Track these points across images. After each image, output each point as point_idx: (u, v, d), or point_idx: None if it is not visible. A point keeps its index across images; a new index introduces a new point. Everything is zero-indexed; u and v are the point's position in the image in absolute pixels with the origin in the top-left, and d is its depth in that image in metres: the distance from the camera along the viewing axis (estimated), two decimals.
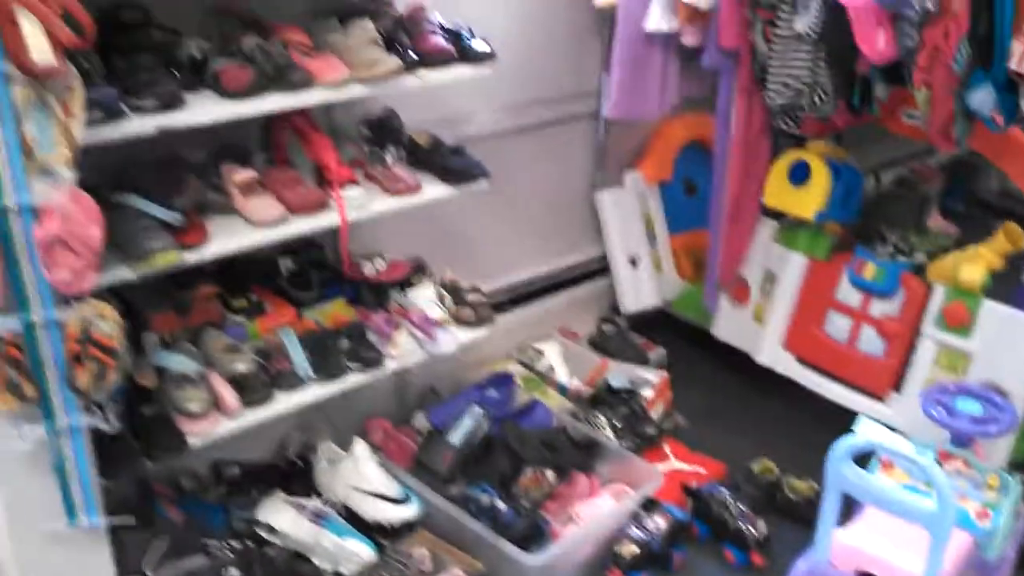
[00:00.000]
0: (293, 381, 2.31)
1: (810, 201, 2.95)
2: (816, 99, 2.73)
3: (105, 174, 2.05)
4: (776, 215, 3.15)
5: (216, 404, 2.19)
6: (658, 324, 3.58)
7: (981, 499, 2.36)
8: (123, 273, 1.95)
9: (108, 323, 1.78)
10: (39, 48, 1.55)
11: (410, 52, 2.31)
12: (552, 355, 3.26)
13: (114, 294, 2.06)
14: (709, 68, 2.92)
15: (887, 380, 2.90)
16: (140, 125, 1.90)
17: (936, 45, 2.42)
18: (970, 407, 2.52)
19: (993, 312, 2.70)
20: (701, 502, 2.70)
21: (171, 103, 1.94)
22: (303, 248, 2.58)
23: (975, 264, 2.76)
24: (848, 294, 2.98)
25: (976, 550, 2.29)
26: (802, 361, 3.11)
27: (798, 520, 2.69)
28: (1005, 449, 2.62)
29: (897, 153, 3.92)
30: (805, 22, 2.61)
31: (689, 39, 2.94)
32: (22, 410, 1.80)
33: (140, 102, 1.90)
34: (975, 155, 3.09)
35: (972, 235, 3.06)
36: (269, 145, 2.40)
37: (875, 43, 2.44)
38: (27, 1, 1.53)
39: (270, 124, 2.37)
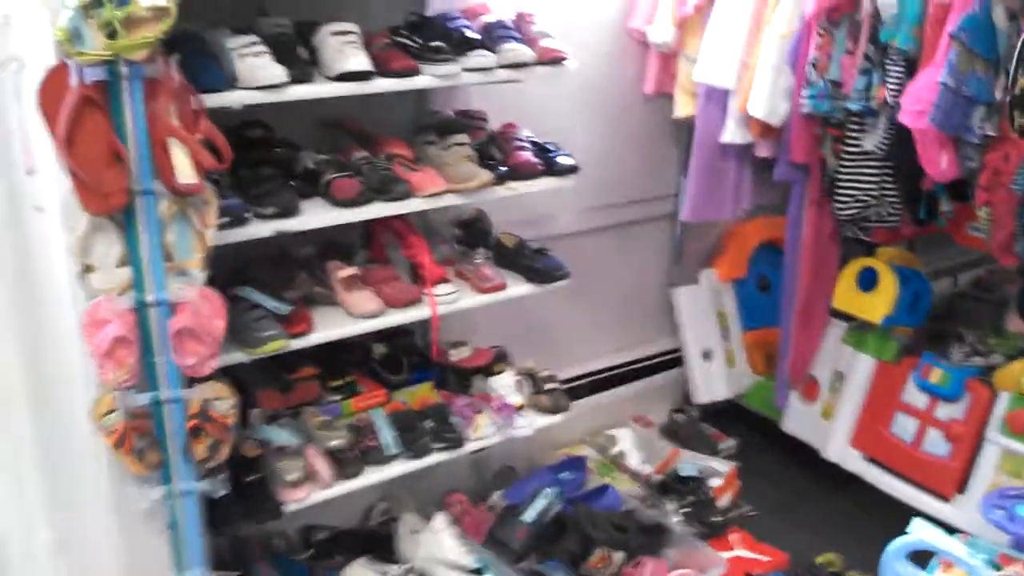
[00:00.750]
0: (381, 457, 2.52)
1: (878, 306, 3.08)
2: (883, 211, 2.88)
3: (225, 268, 2.34)
4: (846, 317, 3.27)
5: (311, 475, 2.41)
6: (729, 415, 3.71)
7: None
8: (238, 357, 2.21)
9: (225, 403, 2.04)
10: (184, 171, 1.84)
11: (501, 166, 2.56)
12: (625, 441, 3.42)
13: (226, 372, 2.33)
14: (780, 180, 3.08)
15: (952, 481, 2.96)
16: (261, 229, 2.17)
17: (997, 168, 2.54)
18: None
19: None
20: None
21: (288, 211, 2.21)
22: (395, 335, 2.81)
23: None
24: (914, 396, 3.08)
25: None
26: (869, 459, 3.20)
27: None
28: None
29: (974, 255, 3.98)
30: (873, 140, 2.77)
31: (762, 151, 3.12)
32: (145, 474, 2.06)
33: (262, 210, 2.18)
34: None
35: None
36: (370, 243, 2.66)
37: (938, 163, 2.58)
38: (177, 132, 1.83)
39: (372, 225, 2.62)
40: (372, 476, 2.51)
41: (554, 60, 2.55)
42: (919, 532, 2.44)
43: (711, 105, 3.12)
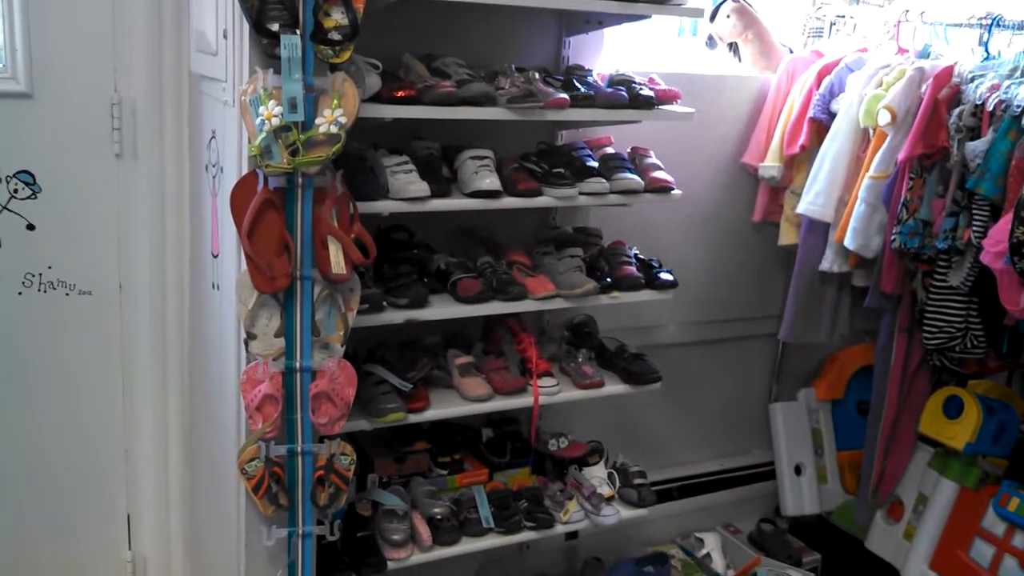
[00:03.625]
0: (478, 529, 2.79)
1: (960, 433, 3.19)
2: (968, 343, 3.04)
3: (362, 347, 2.73)
4: (933, 442, 3.39)
5: (413, 538, 2.71)
6: (817, 531, 3.82)
7: None
8: (362, 424, 2.55)
9: (347, 458, 2.38)
10: (337, 263, 2.23)
11: (607, 277, 2.87)
12: (711, 544, 3.58)
13: (351, 439, 2.68)
14: (870, 308, 3.28)
15: None
16: (393, 316, 2.54)
17: None
18: None
19: None
20: None
21: (418, 303, 2.57)
22: (503, 422, 3.12)
23: None
24: (993, 523, 3.17)
25: None
26: None
27: None
28: None
29: None
30: (958, 277, 2.95)
31: (859, 280, 3.33)
32: (274, 515, 2.40)
33: (397, 300, 2.55)
34: None
35: None
36: (488, 337, 3.00)
37: (1017, 301, 2.73)
38: (335, 231, 2.23)
39: (490, 321, 2.98)
40: (467, 545, 2.77)
41: (662, 188, 2.87)
42: None
43: (812, 235, 3.36)
